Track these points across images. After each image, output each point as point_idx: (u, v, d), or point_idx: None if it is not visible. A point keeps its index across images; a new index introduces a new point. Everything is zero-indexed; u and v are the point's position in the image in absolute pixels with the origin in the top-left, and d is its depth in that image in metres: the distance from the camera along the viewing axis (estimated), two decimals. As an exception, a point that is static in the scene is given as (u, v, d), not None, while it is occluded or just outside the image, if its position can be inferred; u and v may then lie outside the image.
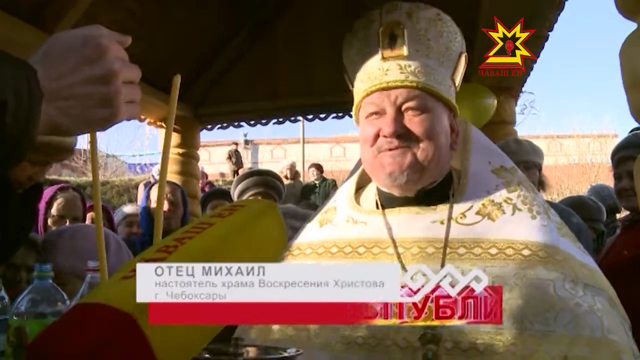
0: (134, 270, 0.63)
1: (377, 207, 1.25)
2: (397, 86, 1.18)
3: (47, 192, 2.84)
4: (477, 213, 1.16)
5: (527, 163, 2.58)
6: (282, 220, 0.82)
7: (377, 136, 1.19)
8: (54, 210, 2.76)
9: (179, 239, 0.69)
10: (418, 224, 1.18)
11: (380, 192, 1.26)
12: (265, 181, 2.96)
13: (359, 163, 1.39)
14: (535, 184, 2.57)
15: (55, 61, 0.67)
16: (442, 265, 1.07)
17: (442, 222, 1.16)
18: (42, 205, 2.78)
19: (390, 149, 1.17)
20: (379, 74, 1.21)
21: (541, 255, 1.10)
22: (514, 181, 1.22)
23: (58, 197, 2.79)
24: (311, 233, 1.31)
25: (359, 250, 1.19)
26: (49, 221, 2.75)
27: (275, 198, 3.00)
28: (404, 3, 1.25)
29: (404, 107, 1.18)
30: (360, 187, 1.35)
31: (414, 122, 1.17)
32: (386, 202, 1.24)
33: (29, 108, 0.61)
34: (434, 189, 1.21)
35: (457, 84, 1.30)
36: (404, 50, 1.19)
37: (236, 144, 16.02)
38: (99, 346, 0.55)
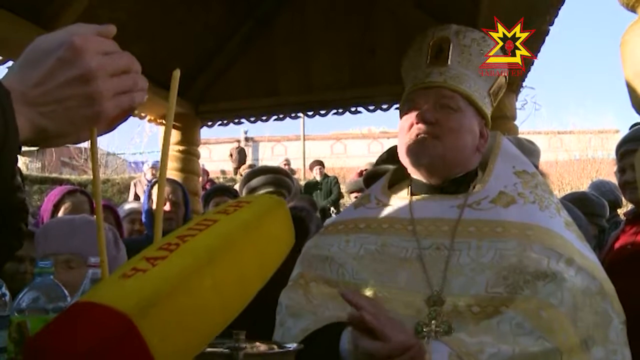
0: (135, 269, 0.61)
1: (408, 194, 1.42)
2: (435, 86, 1.35)
3: (55, 195, 2.83)
4: (491, 202, 1.30)
5: None
6: (289, 217, 0.79)
7: (411, 125, 1.35)
8: (60, 214, 2.76)
9: (181, 237, 0.67)
10: (438, 207, 1.34)
11: (412, 183, 1.43)
12: (276, 180, 2.92)
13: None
14: None
15: (33, 66, 0.66)
16: (452, 240, 1.24)
17: (459, 207, 1.31)
18: (49, 207, 2.79)
19: (418, 135, 1.32)
20: (422, 76, 1.39)
21: (543, 237, 1.21)
22: (532, 182, 1.35)
23: (65, 201, 2.79)
24: (347, 213, 1.53)
25: (383, 225, 1.37)
26: (55, 224, 2.75)
27: (286, 196, 2.98)
28: (454, 25, 1.43)
29: (438, 104, 1.34)
30: (395, 182, 1.52)
31: (444, 117, 1.33)
32: (416, 190, 1.41)
33: (3, 117, 0.60)
34: (458, 180, 1.36)
35: (494, 100, 1.47)
36: (447, 60, 1.37)
37: (239, 141, 16.02)
38: (94, 347, 0.53)
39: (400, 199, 1.42)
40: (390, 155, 2.34)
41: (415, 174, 1.40)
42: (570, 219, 1.32)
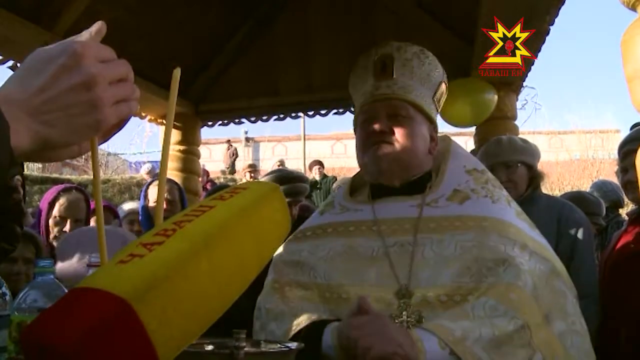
0: (132, 255, 0.61)
1: (369, 199, 1.52)
2: (385, 98, 1.47)
3: (51, 193, 2.82)
4: (448, 199, 1.41)
5: (506, 163, 2.64)
6: (285, 203, 0.79)
7: (368, 136, 1.47)
8: (55, 211, 2.73)
9: (178, 223, 0.66)
10: (399, 208, 1.45)
11: (372, 187, 1.53)
12: (294, 189, 3.00)
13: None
14: (518, 182, 2.64)
15: (35, 74, 0.66)
16: (415, 236, 1.35)
17: (418, 206, 1.42)
18: (44, 206, 2.77)
19: (375, 143, 1.44)
20: (371, 90, 1.51)
21: (497, 226, 1.33)
22: (482, 179, 1.47)
23: (60, 198, 2.76)
24: (313, 220, 1.62)
25: (350, 228, 1.47)
26: (50, 222, 2.73)
27: (302, 201, 3.14)
28: (395, 42, 1.55)
29: (389, 113, 1.46)
30: (356, 189, 1.62)
31: (396, 125, 1.45)
32: (376, 194, 1.51)
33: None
34: (415, 182, 1.47)
35: (438, 106, 1.58)
36: (392, 74, 1.50)
37: (229, 141, 15.93)
38: (92, 332, 0.53)
39: (362, 203, 1.53)
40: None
41: (375, 179, 1.50)
42: (520, 209, 1.46)
